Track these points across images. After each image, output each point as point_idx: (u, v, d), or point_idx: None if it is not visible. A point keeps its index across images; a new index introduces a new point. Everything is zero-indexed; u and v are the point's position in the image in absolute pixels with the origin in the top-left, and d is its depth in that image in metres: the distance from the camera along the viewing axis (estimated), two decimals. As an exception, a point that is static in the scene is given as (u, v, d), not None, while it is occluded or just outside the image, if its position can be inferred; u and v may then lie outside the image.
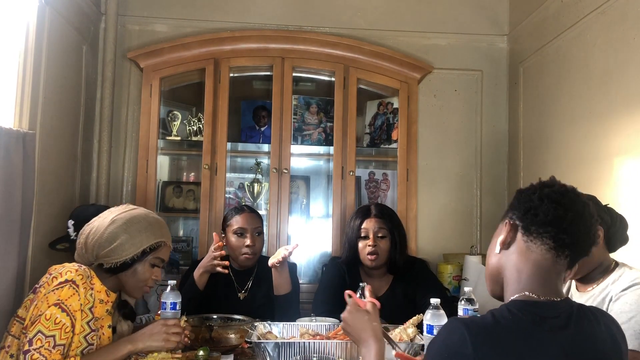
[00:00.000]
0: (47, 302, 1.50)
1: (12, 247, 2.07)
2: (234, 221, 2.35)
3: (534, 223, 1.13)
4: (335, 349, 1.67)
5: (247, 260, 2.33)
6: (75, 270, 1.56)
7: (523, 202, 1.16)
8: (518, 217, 1.16)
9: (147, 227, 1.67)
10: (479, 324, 1.06)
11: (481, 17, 3.37)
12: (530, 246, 1.13)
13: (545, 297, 1.11)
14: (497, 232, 1.22)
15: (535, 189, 1.17)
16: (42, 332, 1.47)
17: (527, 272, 1.13)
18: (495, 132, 3.34)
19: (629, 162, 2.14)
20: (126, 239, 1.63)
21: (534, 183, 1.20)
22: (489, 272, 1.23)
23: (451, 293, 2.91)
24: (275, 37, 3.02)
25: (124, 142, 3.16)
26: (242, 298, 2.36)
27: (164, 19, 3.21)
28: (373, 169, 3.28)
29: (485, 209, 3.29)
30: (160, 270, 1.74)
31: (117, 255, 1.62)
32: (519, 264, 1.14)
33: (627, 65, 2.18)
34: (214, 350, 1.74)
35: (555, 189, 1.15)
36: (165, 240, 1.72)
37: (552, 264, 1.12)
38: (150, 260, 1.69)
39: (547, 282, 1.12)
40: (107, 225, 1.64)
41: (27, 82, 2.25)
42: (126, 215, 1.68)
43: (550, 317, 1.07)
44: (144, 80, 2.95)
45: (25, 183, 2.14)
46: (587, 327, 1.10)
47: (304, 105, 3.17)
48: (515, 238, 1.16)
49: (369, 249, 2.28)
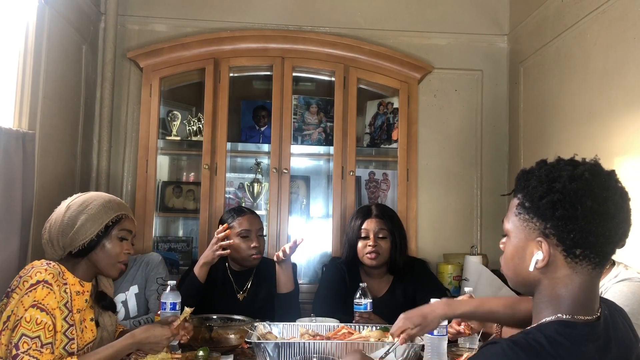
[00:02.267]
0: (23, 306, 1.49)
1: (12, 247, 2.07)
2: (237, 223, 2.32)
3: (580, 246, 0.97)
4: (335, 349, 1.67)
5: (255, 261, 2.33)
6: (45, 270, 1.55)
7: (561, 218, 0.97)
8: (557, 236, 0.98)
9: (103, 204, 1.69)
10: (537, 353, 0.94)
11: (481, 17, 3.37)
12: (575, 267, 0.99)
13: (587, 317, 1.00)
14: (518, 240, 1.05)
15: (570, 197, 0.97)
16: (26, 335, 1.46)
17: (568, 295, 1.00)
18: (495, 132, 3.34)
19: (629, 162, 2.14)
20: (86, 218, 1.64)
21: (554, 176, 1.00)
22: (518, 282, 1.09)
23: (451, 293, 2.91)
24: (275, 37, 3.02)
25: (123, 142, 3.16)
26: (241, 299, 2.36)
27: (164, 19, 3.21)
28: (373, 169, 3.28)
29: (485, 209, 3.29)
30: (129, 243, 1.75)
31: (82, 235, 1.63)
32: (559, 288, 1.01)
33: (627, 65, 2.18)
34: (214, 351, 1.73)
35: (598, 195, 0.96)
36: (125, 212, 1.73)
37: (596, 278, 1.02)
38: (116, 234, 1.70)
39: (588, 301, 1.01)
40: (63, 212, 1.66)
41: (27, 82, 2.25)
42: (79, 200, 1.70)
43: (592, 340, 0.98)
44: (143, 80, 2.95)
45: (25, 183, 2.14)
46: (620, 336, 1.04)
47: (304, 105, 3.17)
48: (555, 258, 1.00)
49: (369, 249, 2.27)
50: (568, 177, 0.99)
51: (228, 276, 2.37)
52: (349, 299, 2.13)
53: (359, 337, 1.77)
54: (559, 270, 1.01)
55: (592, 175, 0.99)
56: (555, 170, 1.02)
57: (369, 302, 2.05)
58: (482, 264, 2.94)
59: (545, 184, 1.00)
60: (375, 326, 1.88)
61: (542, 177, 1.02)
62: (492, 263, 3.09)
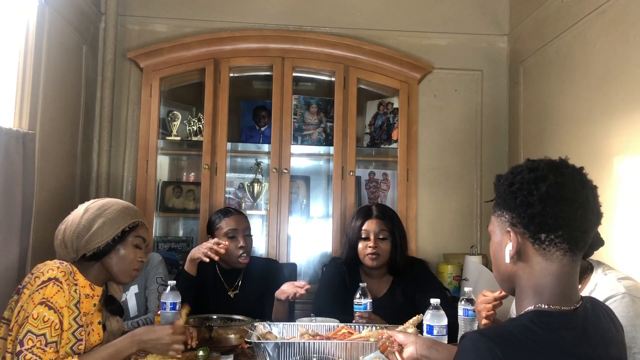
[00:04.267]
0: (32, 302, 1.49)
1: (12, 247, 2.07)
2: (224, 224, 2.34)
3: (543, 230, 1.03)
4: (335, 349, 1.67)
5: (242, 264, 2.35)
6: (57, 267, 1.55)
7: (521, 205, 1.05)
8: (522, 224, 1.05)
9: (121, 209, 1.70)
10: (507, 340, 0.96)
11: (481, 17, 3.37)
12: (545, 254, 1.04)
13: (564, 307, 1.03)
14: (496, 236, 1.13)
15: (527, 184, 1.05)
16: (31, 332, 1.47)
17: (544, 284, 1.04)
18: (495, 132, 3.34)
19: (629, 162, 2.14)
20: (103, 222, 1.65)
21: (516, 171, 1.09)
22: (501, 278, 1.14)
23: (451, 293, 2.91)
24: (275, 37, 3.02)
25: (124, 142, 3.16)
26: (233, 296, 2.37)
27: (164, 19, 3.21)
28: (373, 169, 3.28)
29: (485, 209, 3.29)
30: (144, 252, 1.75)
31: (98, 239, 1.63)
32: (535, 278, 1.05)
33: (627, 65, 2.18)
34: (214, 350, 1.74)
35: (552, 181, 1.03)
36: (141, 220, 1.74)
37: (570, 267, 1.04)
38: (132, 240, 1.70)
39: (565, 290, 1.04)
40: (81, 215, 1.66)
41: (27, 82, 2.26)
42: (98, 203, 1.71)
43: (568, 328, 1.01)
44: (144, 80, 2.95)
45: (25, 183, 2.14)
46: (599, 327, 1.06)
47: (304, 105, 3.17)
48: (525, 247, 1.06)
49: (369, 250, 2.27)
50: (527, 168, 1.08)
51: (218, 275, 2.40)
52: (349, 298, 2.13)
53: (359, 337, 1.77)
54: (531, 259, 1.06)
55: (548, 165, 1.07)
56: (519, 167, 1.11)
57: (368, 302, 2.05)
58: (482, 264, 2.94)
59: (510, 178, 1.10)
60: (375, 326, 1.88)
61: (507, 175, 1.12)
62: (492, 263, 3.09)
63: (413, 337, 1.38)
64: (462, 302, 1.85)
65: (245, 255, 2.33)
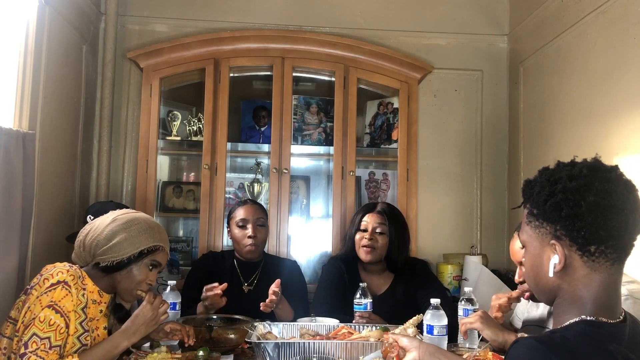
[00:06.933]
0: (40, 305, 1.49)
1: (12, 247, 2.07)
2: (237, 213, 2.40)
3: (593, 242, 0.96)
4: (335, 349, 1.67)
5: (250, 252, 2.34)
6: (67, 271, 1.55)
7: (567, 217, 0.97)
8: (569, 237, 0.98)
9: (147, 229, 1.67)
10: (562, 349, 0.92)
11: (481, 17, 3.37)
12: (592, 266, 0.98)
13: (610, 320, 0.99)
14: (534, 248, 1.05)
15: (572, 194, 0.97)
16: (37, 335, 1.46)
17: (591, 297, 0.99)
18: (495, 132, 3.34)
19: (629, 162, 2.14)
20: (125, 238, 1.62)
21: (554, 179, 1.02)
22: (540, 291, 1.07)
23: (451, 293, 2.91)
24: (275, 37, 3.02)
25: (124, 142, 3.16)
26: (247, 291, 2.36)
27: (164, 19, 3.21)
28: (373, 169, 3.28)
29: (485, 209, 3.29)
30: (155, 275, 1.72)
31: (115, 253, 1.61)
32: (582, 291, 0.99)
33: (627, 65, 2.18)
34: (214, 350, 1.74)
35: (598, 189, 0.96)
36: (163, 245, 1.71)
37: (617, 276, 1.00)
38: (147, 262, 1.67)
39: (611, 302, 1.00)
40: (108, 223, 1.65)
41: (27, 82, 2.25)
42: (128, 216, 1.68)
43: (618, 341, 0.97)
44: (144, 80, 2.95)
45: (25, 183, 2.14)
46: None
47: (304, 105, 3.17)
48: (571, 259, 0.99)
49: (364, 242, 2.27)
50: (567, 176, 1.00)
51: (235, 267, 2.40)
52: (348, 297, 2.13)
53: (359, 337, 1.77)
54: (577, 272, 1.00)
55: (590, 171, 1.00)
56: (555, 173, 1.04)
57: (369, 302, 2.04)
58: (482, 264, 2.94)
59: (547, 187, 1.02)
60: (375, 326, 1.87)
61: (543, 182, 1.04)
62: (491, 263, 3.09)
63: (417, 342, 1.34)
64: (462, 302, 1.85)
65: (253, 244, 2.32)
